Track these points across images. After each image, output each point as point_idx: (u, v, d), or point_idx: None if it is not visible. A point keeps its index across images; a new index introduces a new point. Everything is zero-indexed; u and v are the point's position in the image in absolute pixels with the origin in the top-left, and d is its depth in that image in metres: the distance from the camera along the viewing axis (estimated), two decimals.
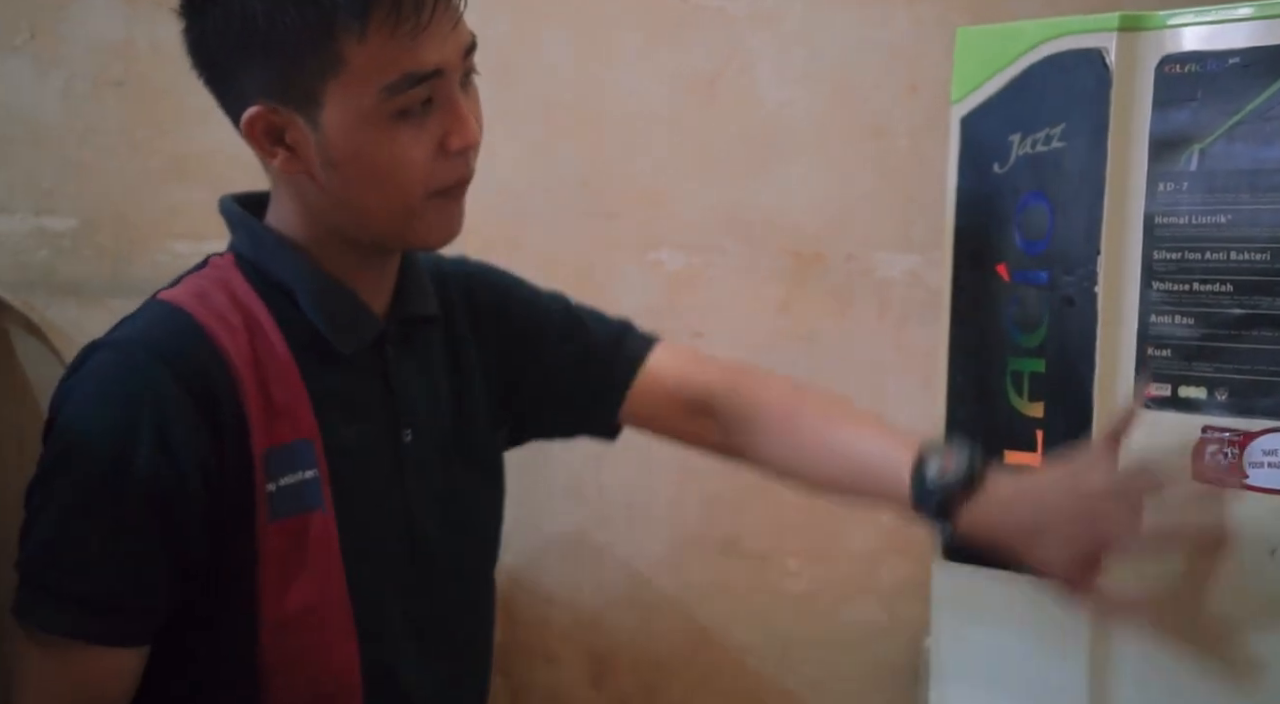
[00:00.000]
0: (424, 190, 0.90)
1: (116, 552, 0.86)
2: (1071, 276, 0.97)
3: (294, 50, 0.85)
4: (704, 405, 1.09)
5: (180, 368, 0.87)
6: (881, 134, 1.32)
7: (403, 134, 0.88)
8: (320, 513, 0.91)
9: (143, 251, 1.30)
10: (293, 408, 0.91)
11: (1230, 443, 0.90)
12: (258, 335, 0.92)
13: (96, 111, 1.30)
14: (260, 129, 0.89)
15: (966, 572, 1.03)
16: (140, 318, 0.92)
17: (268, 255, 0.95)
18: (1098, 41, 0.96)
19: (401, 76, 0.85)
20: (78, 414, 0.88)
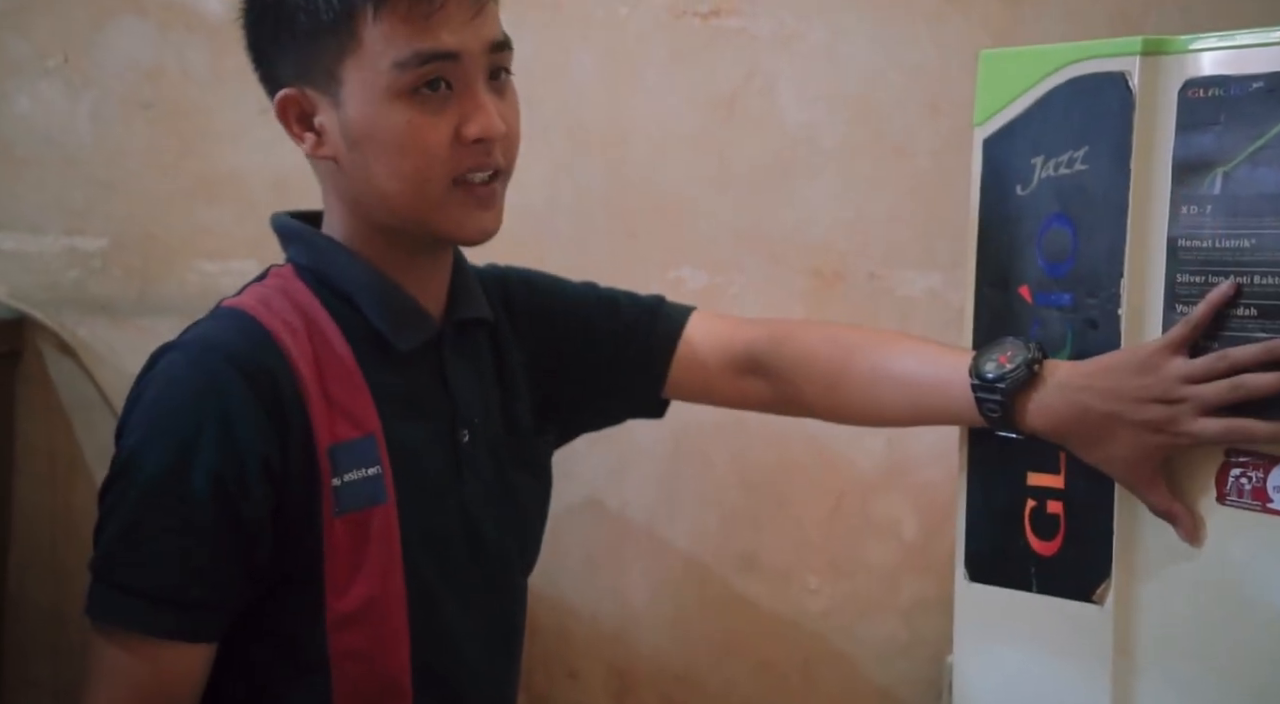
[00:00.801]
0: (442, 175, 0.92)
1: (185, 548, 0.88)
2: (1095, 299, 0.98)
3: (316, 32, 0.91)
4: (750, 364, 1.10)
5: (244, 366, 0.90)
6: (903, 153, 1.33)
7: (417, 114, 0.91)
8: (384, 507, 0.94)
9: (171, 271, 1.32)
10: (355, 405, 0.94)
11: (1254, 467, 0.90)
12: (318, 336, 0.95)
13: (126, 133, 1.31)
14: (291, 112, 0.94)
15: (990, 591, 1.04)
16: (207, 322, 0.95)
17: (326, 261, 0.98)
18: (1120, 65, 0.96)
19: (412, 53, 0.89)
20: (146, 414, 0.90)
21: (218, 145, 1.32)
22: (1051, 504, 1.01)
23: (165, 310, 1.27)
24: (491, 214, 0.96)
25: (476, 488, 1.02)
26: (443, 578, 0.98)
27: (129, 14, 1.31)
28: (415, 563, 0.96)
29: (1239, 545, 0.91)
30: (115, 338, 1.32)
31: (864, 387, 1.06)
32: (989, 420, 0.97)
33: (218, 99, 1.31)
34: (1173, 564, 0.94)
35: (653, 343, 1.11)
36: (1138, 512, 0.95)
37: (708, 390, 1.11)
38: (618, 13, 1.32)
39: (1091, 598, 0.97)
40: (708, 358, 1.10)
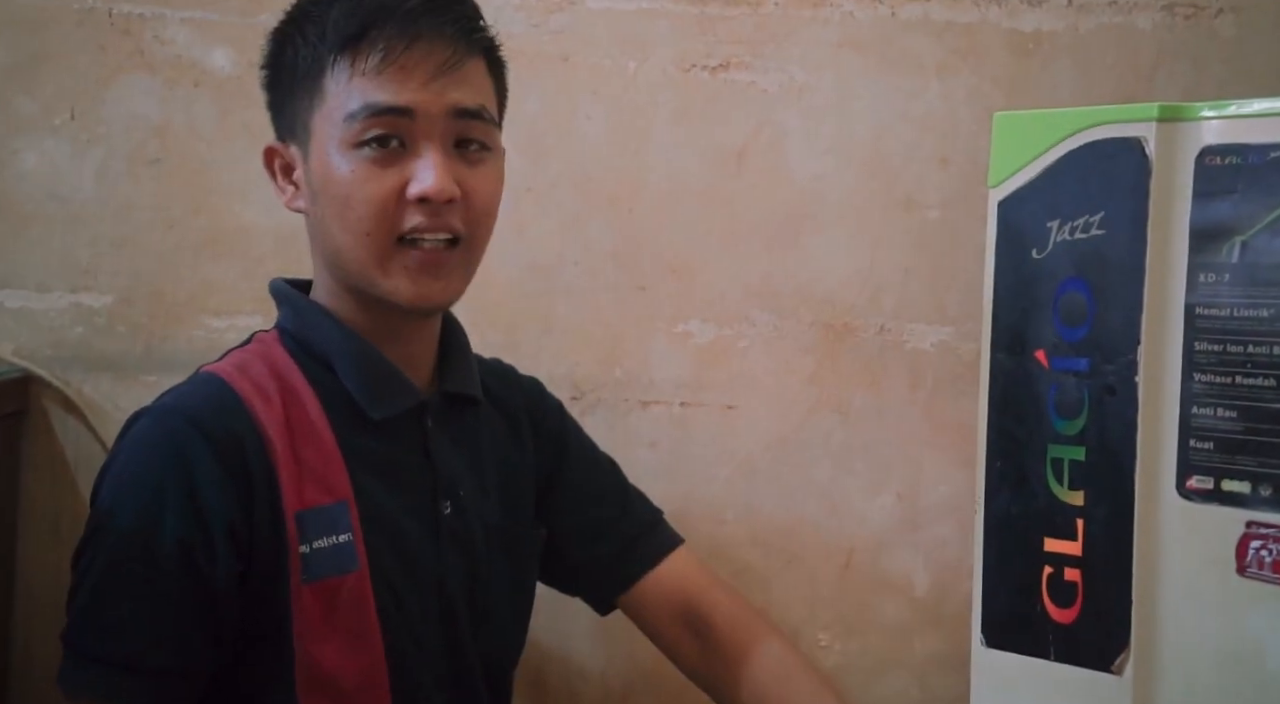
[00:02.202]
0: (386, 230, 0.93)
1: (151, 615, 0.88)
2: (1112, 365, 0.97)
3: (295, 86, 0.95)
4: (698, 624, 1.12)
5: (209, 430, 0.90)
6: (912, 207, 1.32)
7: (363, 166, 0.92)
8: (355, 575, 0.93)
9: (178, 327, 1.31)
10: (327, 470, 0.94)
11: (1275, 539, 0.90)
12: (292, 402, 0.95)
13: (132, 189, 1.31)
14: (275, 164, 0.99)
15: (1007, 657, 1.03)
16: (181, 387, 0.96)
17: (308, 325, 0.99)
18: (1137, 131, 0.96)
19: (362, 105, 0.92)
20: (115, 481, 0.91)
21: (225, 201, 1.31)
22: (1069, 571, 1.00)
23: (171, 367, 1.25)
24: (440, 284, 0.95)
25: (457, 563, 1.01)
26: (418, 650, 0.97)
27: (136, 71, 1.30)
28: (393, 632, 0.95)
29: (1260, 617, 0.91)
30: (121, 395, 1.31)
31: None
32: None
33: (225, 155, 1.30)
34: (1193, 635, 0.94)
35: (632, 554, 1.13)
36: (1158, 581, 0.95)
37: (647, 619, 1.14)
38: (626, 67, 1.32)
39: (1111, 668, 0.97)
40: (665, 595, 1.13)
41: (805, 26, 1.32)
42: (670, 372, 1.34)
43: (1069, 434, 1.00)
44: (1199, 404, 0.94)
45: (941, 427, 1.32)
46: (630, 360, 1.34)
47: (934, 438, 1.33)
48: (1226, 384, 0.93)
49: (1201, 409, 0.94)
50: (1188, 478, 0.94)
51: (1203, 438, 0.93)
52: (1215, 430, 0.93)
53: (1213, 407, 0.93)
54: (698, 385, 1.34)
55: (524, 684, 1.28)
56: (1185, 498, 0.94)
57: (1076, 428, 1.00)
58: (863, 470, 1.33)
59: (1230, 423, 0.92)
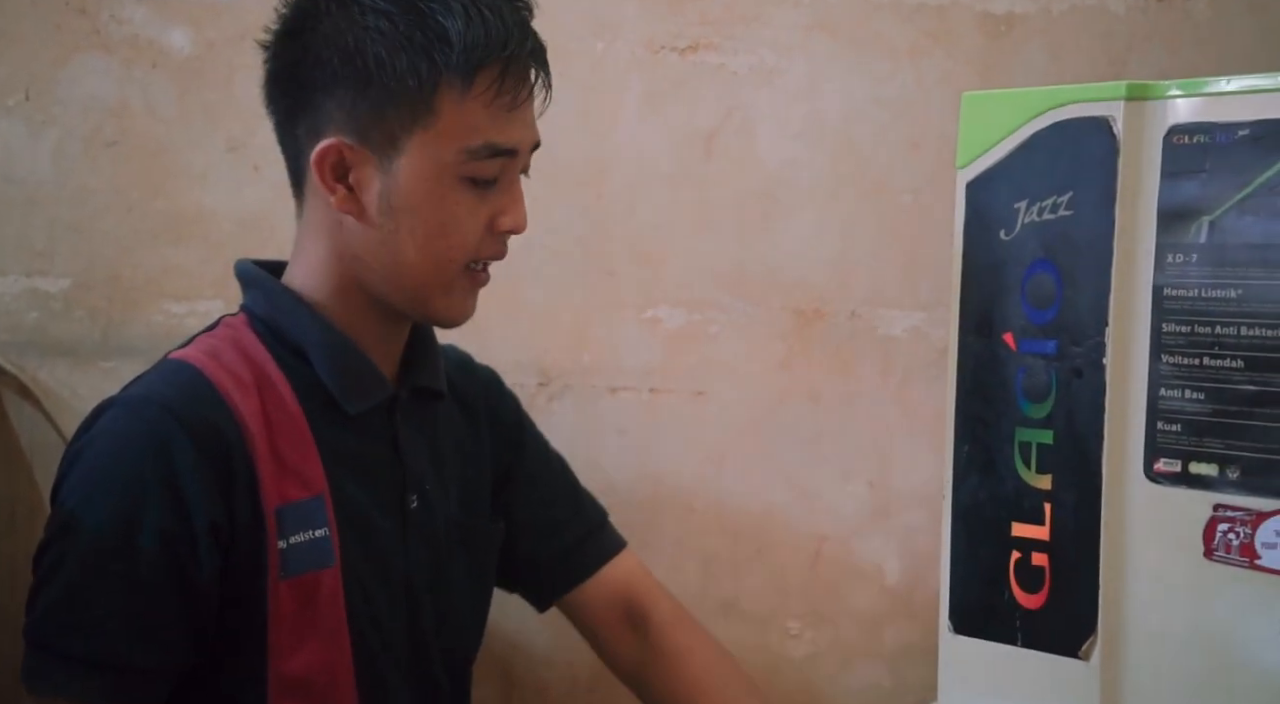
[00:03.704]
0: (463, 260, 0.93)
1: (130, 611, 0.85)
2: (1080, 348, 0.96)
3: (393, 94, 0.88)
4: (638, 621, 1.13)
5: (190, 423, 0.87)
6: (883, 191, 1.31)
7: (465, 200, 0.91)
8: (330, 571, 0.91)
9: (136, 312, 1.29)
10: (304, 464, 0.91)
11: (1242, 522, 0.89)
12: (268, 392, 0.92)
13: (90, 172, 1.28)
14: (329, 162, 0.90)
15: (975, 644, 1.02)
16: (150, 376, 0.92)
17: (282, 313, 0.95)
18: (1105, 110, 0.95)
19: (484, 144, 0.89)
20: (87, 474, 0.87)
21: (184, 184, 1.29)
22: (1036, 556, 0.99)
23: (130, 352, 1.24)
24: (475, 300, 0.97)
25: (421, 557, 0.99)
26: (384, 646, 0.95)
27: (92, 50, 1.28)
28: (360, 629, 0.93)
29: (1226, 601, 0.90)
30: (78, 381, 1.28)
31: None
32: None
33: (184, 137, 1.28)
34: (1160, 620, 0.93)
35: (576, 556, 1.13)
36: (1125, 566, 0.94)
37: (587, 618, 1.14)
38: (594, 48, 1.30)
39: (1078, 654, 0.96)
40: (607, 596, 1.13)
41: (775, 8, 1.30)
42: (639, 358, 1.32)
43: (1037, 417, 0.99)
44: (1167, 386, 0.93)
45: (913, 413, 1.31)
46: (598, 346, 1.33)
47: (906, 425, 1.31)
48: (1194, 366, 0.91)
49: (1169, 391, 0.92)
50: (1155, 461, 0.93)
51: (1170, 420, 0.92)
52: (1183, 413, 0.92)
53: (1180, 389, 0.92)
54: (667, 372, 1.32)
55: (492, 675, 1.27)
56: (1153, 481, 0.93)
57: (1044, 411, 0.99)
58: (834, 458, 1.32)
59: (1198, 405, 0.91)
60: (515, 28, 0.89)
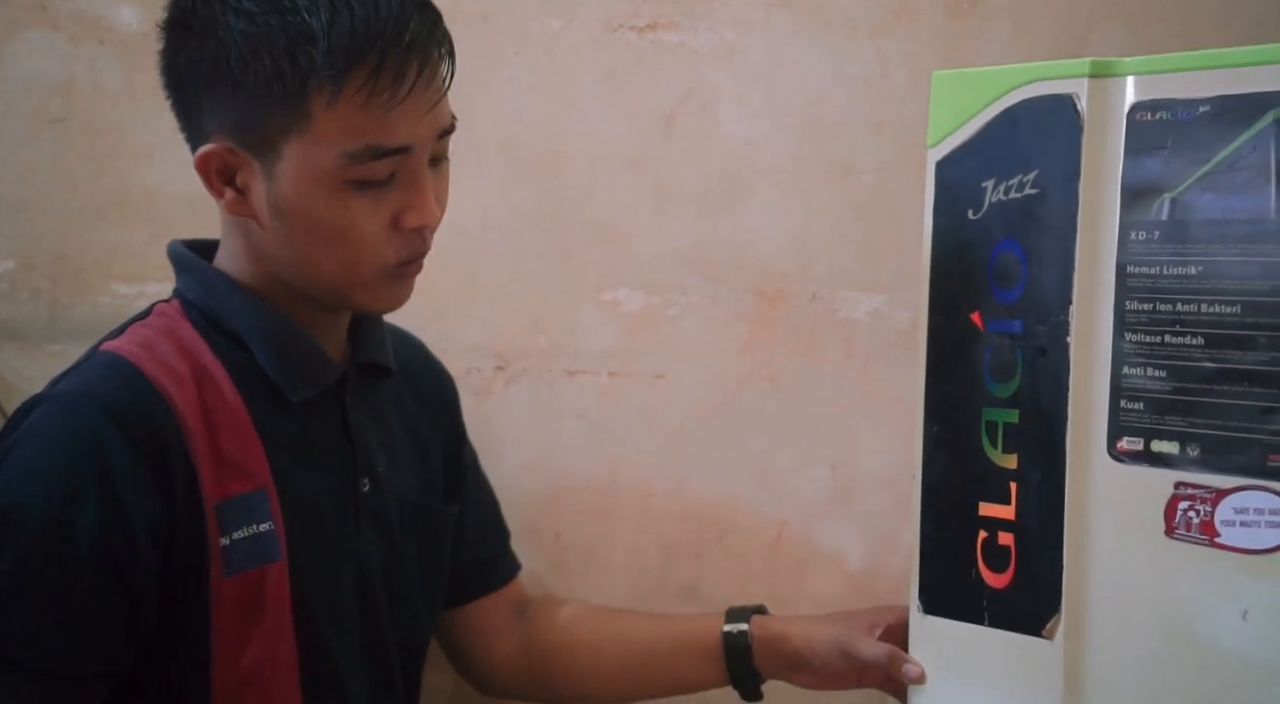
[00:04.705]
0: (373, 261, 0.88)
1: (61, 616, 0.82)
2: (1044, 327, 0.96)
3: (262, 98, 0.83)
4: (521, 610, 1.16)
5: (125, 420, 0.84)
6: (847, 172, 1.30)
7: (357, 202, 0.86)
8: (277, 565, 0.88)
9: (82, 293, 1.26)
10: (245, 458, 0.88)
11: (1202, 500, 0.89)
12: (206, 384, 0.89)
13: (34, 150, 1.25)
14: (213, 166, 0.87)
15: (944, 623, 1.01)
16: (82, 370, 0.88)
17: (216, 300, 0.92)
18: (1069, 87, 0.94)
19: (365, 147, 0.84)
20: (17, 474, 0.84)
21: (132, 163, 1.26)
22: (1003, 535, 0.99)
23: (77, 335, 1.20)
24: (408, 288, 0.93)
25: (373, 541, 0.97)
26: (337, 637, 0.93)
27: (37, 26, 1.25)
28: (308, 623, 0.90)
29: (1187, 580, 0.90)
30: (24, 364, 1.25)
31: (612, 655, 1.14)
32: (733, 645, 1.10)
33: (132, 115, 1.25)
34: (1122, 599, 0.93)
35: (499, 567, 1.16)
36: (1089, 544, 0.94)
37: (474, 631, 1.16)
38: (550, 26, 1.28)
39: (1042, 633, 0.96)
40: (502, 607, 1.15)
41: None
42: (598, 341, 1.31)
43: (1003, 397, 0.99)
44: (1129, 364, 0.92)
45: (876, 396, 1.30)
46: (556, 329, 1.31)
47: (868, 408, 1.31)
48: (1156, 343, 0.91)
49: (1132, 370, 0.92)
50: (1118, 439, 0.93)
51: (1133, 398, 0.92)
52: (1145, 391, 0.91)
53: (1143, 367, 0.92)
54: (626, 355, 1.31)
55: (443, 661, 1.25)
56: (1116, 460, 0.92)
57: (1010, 390, 0.98)
58: (795, 441, 1.31)
59: (1159, 383, 0.91)
60: (391, 18, 0.83)
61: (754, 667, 1.10)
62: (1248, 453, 0.87)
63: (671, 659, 1.12)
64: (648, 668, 1.13)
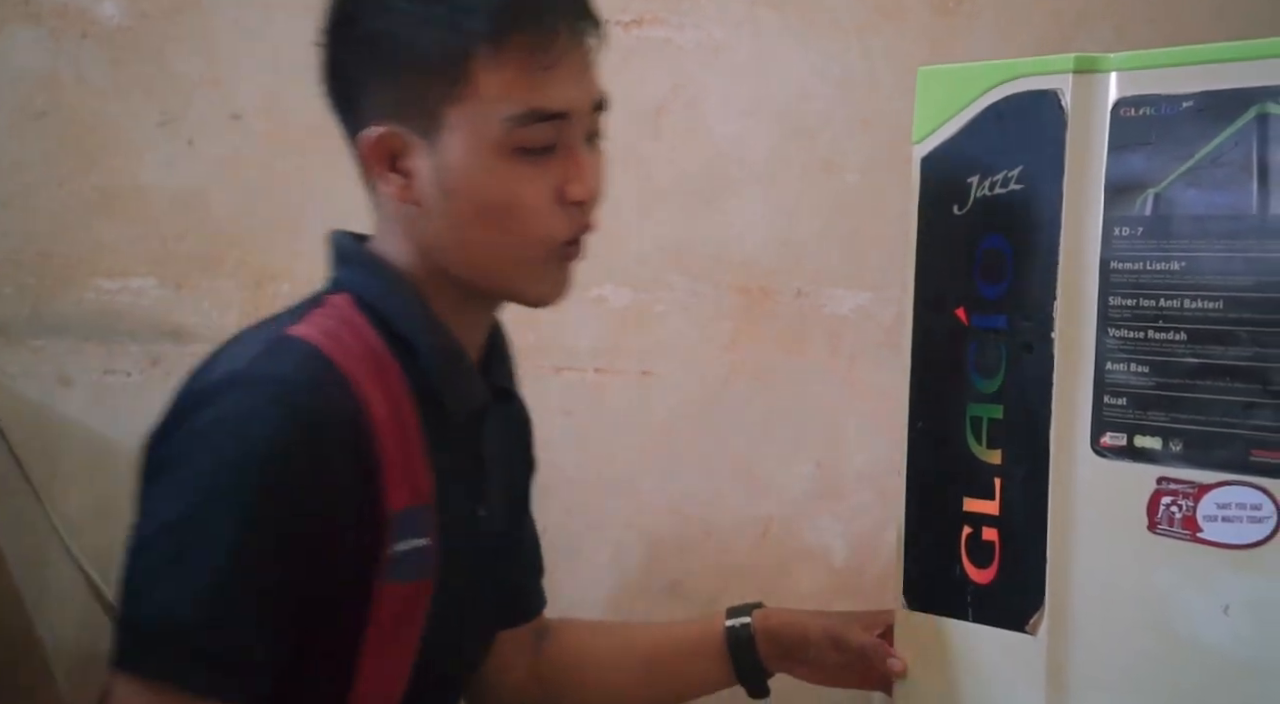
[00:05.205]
0: (540, 237, 0.87)
1: (278, 607, 0.81)
2: (1029, 322, 0.96)
3: (425, 70, 0.84)
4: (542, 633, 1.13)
5: (333, 421, 0.82)
6: (832, 169, 1.30)
7: (521, 171, 0.86)
8: (425, 582, 0.88)
9: (67, 289, 1.25)
10: (416, 470, 0.87)
11: (1185, 495, 0.89)
12: (391, 389, 0.87)
13: (18, 145, 1.25)
14: (379, 151, 0.87)
15: (928, 619, 1.02)
16: (280, 356, 0.85)
17: (394, 303, 0.90)
18: (1054, 83, 0.94)
19: (527, 110, 0.84)
20: (227, 455, 0.81)
21: (116, 158, 1.26)
22: (987, 531, 0.99)
23: (61, 330, 1.20)
24: (570, 276, 0.92)
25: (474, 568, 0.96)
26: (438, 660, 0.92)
27: (20, 21, 1.24)
28: (426, 642, 0.90)
29: (1169, 575, 0.90)
30: (8, 360, 1.25)
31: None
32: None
33: (116, 109, 1.25)
34: (1105, 595, 0.93)
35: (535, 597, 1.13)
36: (1072, 540, 0.94)
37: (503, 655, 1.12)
38: None
39: (1025, 628, 0.96)
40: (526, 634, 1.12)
41: None
42: (585, 337, 1.31)
43: (988, 392, 0.99)
44: (1113, 360, 0.93)
45: (861, 393, 1.31)
46: (543, 326, 1.31)
47: (853, 405, 1.31)
48: (1139, 339, 0.91)
49: (1115, 365, 0.92)
50: (1102, 435, 0.93)
51: (1116, 394, 0.92)
52: (1128, 386, 0.92)
53: (1126, 362, 0.92)
54: (613, 351, 1.31)
55: None
56: (1099, 455, 0.92)
57: (995, 386, 0.98)
58: (781, 438, 1.32)
59: (1142, 378, 0.91)
60: None
61: (758, 660, 1.09)
62: (1230, 448, 0.87)
63: (677, 661, 1.11)
64: (654, 674, 1.12)
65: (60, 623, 1.31)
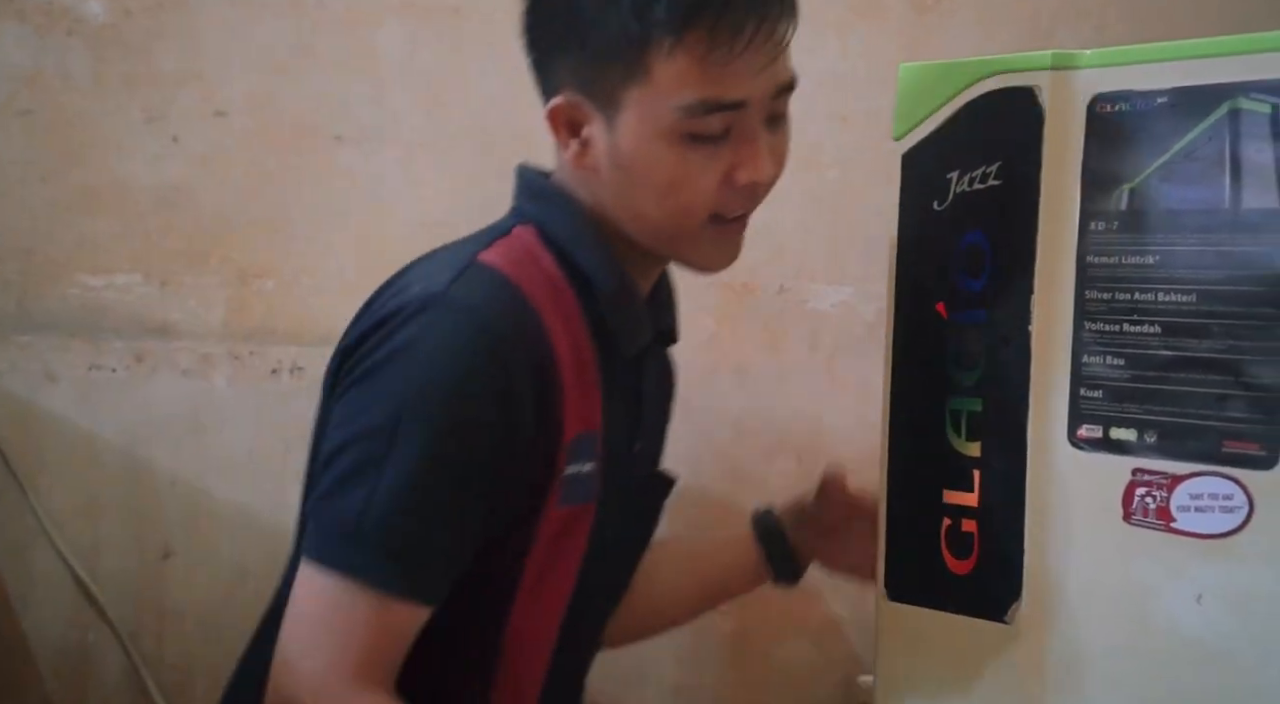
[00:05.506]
0: (704, 215, 0.91)
1: (440, 518, 0.86)
2: (1008, 316, 0.97)
3: (607, 52, 0.87)
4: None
5: (522, 342, 0.88)
6: (811, 165, 1.31)
7: (692, 157, 0.89)
8: (589, 507, 0.93)
9: (51, 285, 1.26)
10: (589, 398, 0.92)
11: (1158, 486, 0.90)
12: (571, 320, 0.92)
13: (3, 142, 1.25)
14: (561, 118, 0.92)
15: (909, 610, 1.03)
16: (472, 282, 0.90)
17: (578, 240, 0.95)
18: (1031, 80, 0.95)
19: (699, 100, 0.87)
20: (422, 371, 0.86)
21: (101, 154, 1.26)
22: (966, 523, 1.00)
23: (45, 326, 1.21)
24: (734, 247, 0.97)
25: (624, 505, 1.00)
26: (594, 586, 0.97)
27: (5, 19, 1.25)
28: (585, 566, 0.95)
29: (1144, 565, 0.91)
30: None
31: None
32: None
33: (101, 106, 1.25)
34: (1081, 585, 0.94)
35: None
36: (1049, 531, 0.95)
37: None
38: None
39: (1004, 618, 0.97)
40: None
41: None
42: None
43: (967, 385, 1.00)
44: (1089, 353, 0.94)
45: (842, 388, 1.32)
46: None
47: (835, 400, 1.32)
48: (1115, 332, 0.93)
49: (1091, 358, 0.94)
50: (1078, 427, 0.94)
51: (1093, 386, 0.93)
52: (1104, 379, 0.93)
53: (1102, 355, 0.93)
54: None
55: None
56: (1076, 447, 0.94)
57: (974, 379, 1.00)
58: (762, 433, 1.32)
59: (1118, 371, 0.92)
60: None
61: (786, 539, 1.15)
62: (1203, 439, 0.88)
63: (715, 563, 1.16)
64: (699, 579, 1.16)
65: (45, 618, 1.31)
